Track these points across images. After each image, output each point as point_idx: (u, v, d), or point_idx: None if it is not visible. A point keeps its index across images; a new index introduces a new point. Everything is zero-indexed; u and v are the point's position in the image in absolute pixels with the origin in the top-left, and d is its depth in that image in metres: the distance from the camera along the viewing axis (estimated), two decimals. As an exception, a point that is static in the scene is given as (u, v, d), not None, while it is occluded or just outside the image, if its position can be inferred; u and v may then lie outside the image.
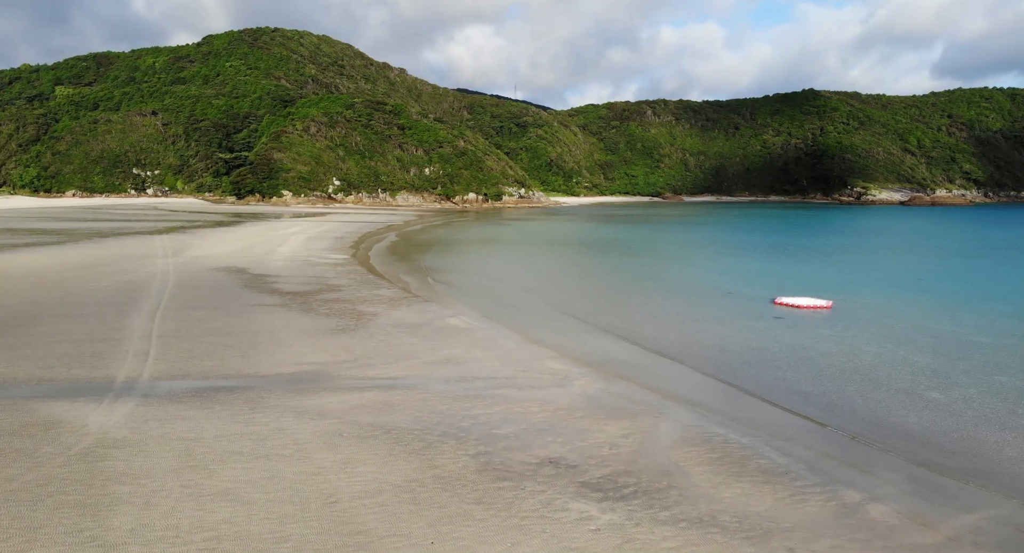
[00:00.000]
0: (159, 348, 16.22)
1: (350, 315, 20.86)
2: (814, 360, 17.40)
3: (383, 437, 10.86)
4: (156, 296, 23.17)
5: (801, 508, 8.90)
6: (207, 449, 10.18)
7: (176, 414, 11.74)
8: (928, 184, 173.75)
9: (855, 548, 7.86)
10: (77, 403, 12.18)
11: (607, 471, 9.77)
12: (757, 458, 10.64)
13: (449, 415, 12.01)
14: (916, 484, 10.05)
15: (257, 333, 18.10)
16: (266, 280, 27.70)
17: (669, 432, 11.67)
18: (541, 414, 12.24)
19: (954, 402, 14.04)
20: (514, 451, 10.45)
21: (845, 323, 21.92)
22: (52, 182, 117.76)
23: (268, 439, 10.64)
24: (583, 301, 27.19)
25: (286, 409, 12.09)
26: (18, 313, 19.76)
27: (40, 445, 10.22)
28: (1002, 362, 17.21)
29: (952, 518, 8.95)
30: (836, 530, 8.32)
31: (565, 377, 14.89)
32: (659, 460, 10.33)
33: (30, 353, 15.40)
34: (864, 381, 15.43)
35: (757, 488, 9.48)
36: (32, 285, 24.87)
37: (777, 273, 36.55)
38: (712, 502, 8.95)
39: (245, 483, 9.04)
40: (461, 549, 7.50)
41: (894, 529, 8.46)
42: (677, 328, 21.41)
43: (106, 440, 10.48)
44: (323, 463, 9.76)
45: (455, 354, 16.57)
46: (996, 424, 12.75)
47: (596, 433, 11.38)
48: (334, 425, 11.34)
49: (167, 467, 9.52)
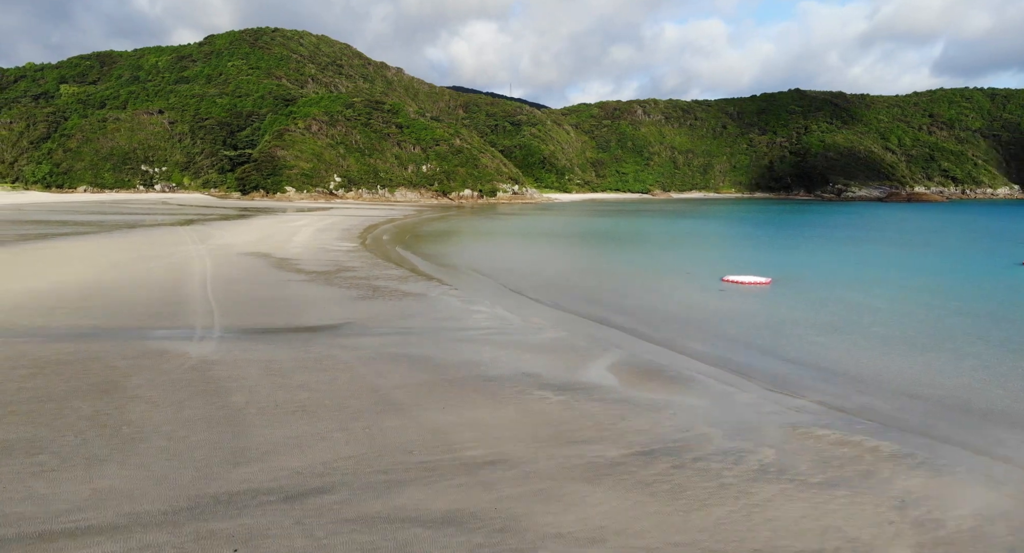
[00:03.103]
0: (219, 308, 20.56)
1: (367, 288, 25.25)
2: (734, 319, 21.81)
3: (406, 360, 15.24)
4: (200, 274, 27.48)
5: (684, 398, 13.33)
6: (281, 365, 14.53)
7: (250, 346, 16.09)
8: (907, 181, 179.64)
9: (721, 408, 12.28)
10: (174, 342, 16.48)
11: (562, 380, 14.16)
12: (667, 372, 15.09)
13: (453, 351, 16.39)
14: (765, 382, 14.47)
15: (294, 299, 22.46)
16: (289, 262, 32.03)
17: (607, 359, 16.09)
18: (519, 350, 16.64)
19: (832, 342, 18.49)
20: (500, 368, 14.84)
21: (776, 294, 26.43)
22: (64, 178, 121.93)
23: (323, 360, 15.01)
24: (563, 278, 31.57)
25: (332, 345, 16.47)
26: (94, 285, 24.06)
27: (159, 364, 14.52)
28: (885, 320, 21.69)
29: (790, 401, 13.36)
30: (706, 407, 12.75)
31: (539, 329, 19.29)
32: (596, 374, 14.74)
33: (122, 311, 19.73)
34: (768, 329, 19.88)
35: (662, 386, 13.92)
36: (95, 264, 29.15)
37: (737, 258, 41.05)
38: (627, 392, 13.39)
39: (314, 382, 13.40)
40: (460, 411, 11.90)
41: (751, 401, 12.90)
42: (636, 297, 25.81)
43: (206, 360, 14.80)
44: (365, 372, 14.14)
45: (453, 314, 20.96)
46: (856, 355, 17.18)
47: (556, 360, 15.77)
48: (369, 353, 15.72)
49: (256, 374, 13.86)
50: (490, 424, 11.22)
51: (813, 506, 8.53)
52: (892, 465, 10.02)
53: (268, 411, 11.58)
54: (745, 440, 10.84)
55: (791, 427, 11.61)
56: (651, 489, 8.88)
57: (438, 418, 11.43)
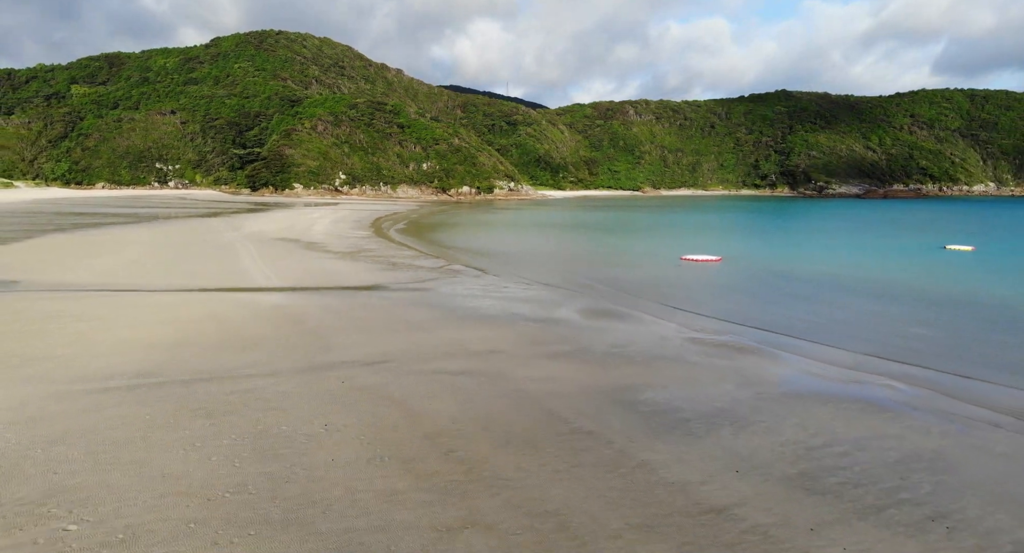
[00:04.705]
0: (275, 275, 26.15)
1: (387, 263, 30.88)
2: (680, 284, 27.45)
3: (426, 305, 20.85)
4: (245, 252, 33.04)
5: (622, 325, 18.96)
6: (335, 307, 20.12)
7: (308, 297, 21.67)
8: (886, 179, 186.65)
9: (646, 331, 17.91)
10: (250, 295, 22.05)
11: (540, 316, 19.74)
12: (615, 312, 20.75)
13: (460, 302, 21.98)
14: (684, 321, 20.09)
15: (330, 270, 28.06)
16: (317, 245, 37.64)
17: (573, 306, 21.74)
18: (510, 301, 22.25)
19: (741, 297, 24.15)
20: (496, 311, 20.41)
21: (721, 269, 32.09)
22: (82, 175, 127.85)
23: (365, 305, 20.60)
24: (549, 257, 37.12)
25: (369, 296, 22.09)
26: (173, 259, 29.63)
27: (246, 309, 20.10)
28: (791, 284, 27.35)
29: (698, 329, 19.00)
30: (636, 330, 18.40)
31: (526, 289, 24.93)
32: (564, 314, 20.35)
33: (204, 275, 25.32)
34: (702, 290, 25.52)
35: (609, 320, 19.56)
36: (160, 244, 34.72)
37: (703, 242, 46.63)
38: (584, 322, 19.04)
39: (361, 316, 18.97)
40: (469, 331, 17.50)
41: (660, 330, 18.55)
42: (608, 271, 31.43)
43: (279, 305, 20.35)
44: (398, 311, 19.74)
45: (458, 280, 26.58)
46: (755, 305, 22.81)
47: (537, 307, 21.36)
48: (397, 302, 21.35)
49: (318, 312, 19.41)
50: (489, 337, 16.82)
51: (687, 370, 14.17)
52: (740, 354, 15.70)
53: (336, 330, 17.16)
54: (655, 345, 16.49)
55: (689, 340, 17.27)
56: (588, 364, 14.49)
57: (453, 334, 17.02)
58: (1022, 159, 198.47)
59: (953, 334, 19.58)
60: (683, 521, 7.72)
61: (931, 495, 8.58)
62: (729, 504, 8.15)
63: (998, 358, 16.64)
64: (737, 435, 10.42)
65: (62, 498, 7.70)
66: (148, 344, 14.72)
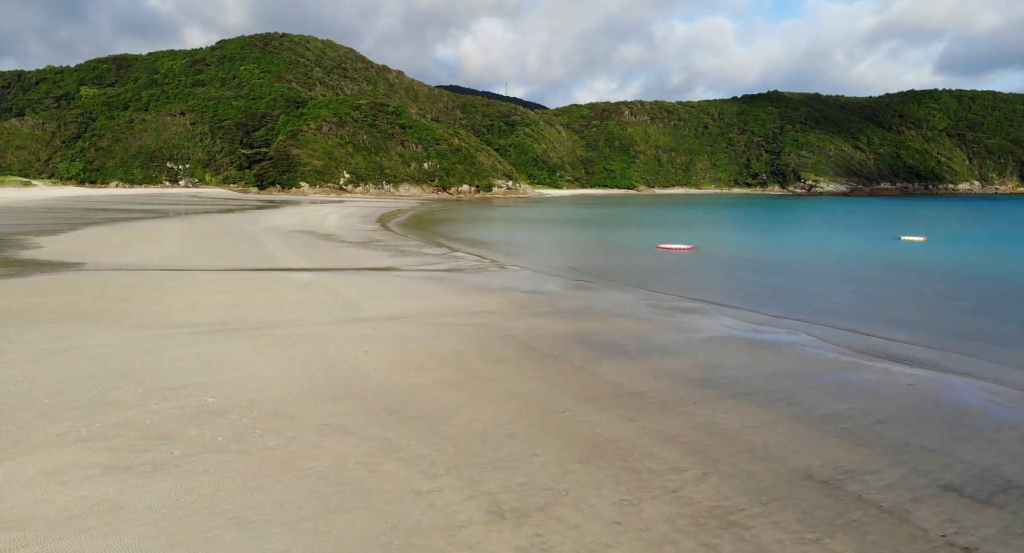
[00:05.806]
0: (301, 259, 30.15)
1: (397, 251, 34.89)
2: (651, 268, 31.42)
3: (432, 281, 24.86)
4: (270, 241, 37.01)
5: (594, 295, 22.97)
6: (361, 283, 24.11)
7: (333, 275, 25.67)
8: (874, 177, 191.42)
9: (612, 299, 21.91)
10: (285, 273, 26.04)
11: (529, 289, 23.75)
12: (590, 287, 24.75)
13: (463, 280, 26.01)
14: (646, 293, 24.08)
15: (348, 255, 32.05)
16: (332, 236, 41.65)
17: (557, 282, 25.75)
18: (505, 279, 26.25)
19: (701, 275, 28.12)
20: (493, 286, 24.42)
21: (692, 256, 36.08)
22: (96, 174, 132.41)
23: (383, 281, 24.61)
24: (541, 245, 41.14)
25: (388, 275, 26.10)
26: (208, 249, 33.62)
27: (284, 283, 24.08)
28: (756, 270, 31.33)
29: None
30: (604, 298, 22.40)
31: (518, 270, 28.94)
32: (549, 288, 24.37)
33: (240, 259, 29.29)
34: (670, 273, 29.51)
35: (584, 293, 23.57)
36: (192, 234, 38.71)
37: (681, 234, 50.76)
38: (564, 294, 23.05)
39: (380, 289, 22.96)
40: (469, 300, 21.53)
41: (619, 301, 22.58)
42: (591, 257, 35.42)
43: (312, 280, 24.36)
44: (410, 286, 23.75)
45: (459, 264, 30.59)
46: (717, 284, 26.78)
47: (527, 282, 25.37)
48: (409, 279, 25.36)
49: (343, 287, 23.39)
50: (487, 302, 20.80)
51: (637, 323, 18.16)
52: (683, 313, 19.72)
53: (362, 296, 21.17)
54: (617, 307, 20.49)
55: (648, 305, 21.29)
56: (563, 319, 18.47)
57: (457, 300, 21.00)
58: (1007, 158, 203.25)
59: (864, 301, 23.61)
60: (611, 398, 11.71)
61: (784, 390, 12.56)
62: (645, 391, 12.13)
63: (895, 318, 20.65)
64: (663, 359, 14.41)
65: (195, 387, 11.64)
66: (215, 305, 18.71)
